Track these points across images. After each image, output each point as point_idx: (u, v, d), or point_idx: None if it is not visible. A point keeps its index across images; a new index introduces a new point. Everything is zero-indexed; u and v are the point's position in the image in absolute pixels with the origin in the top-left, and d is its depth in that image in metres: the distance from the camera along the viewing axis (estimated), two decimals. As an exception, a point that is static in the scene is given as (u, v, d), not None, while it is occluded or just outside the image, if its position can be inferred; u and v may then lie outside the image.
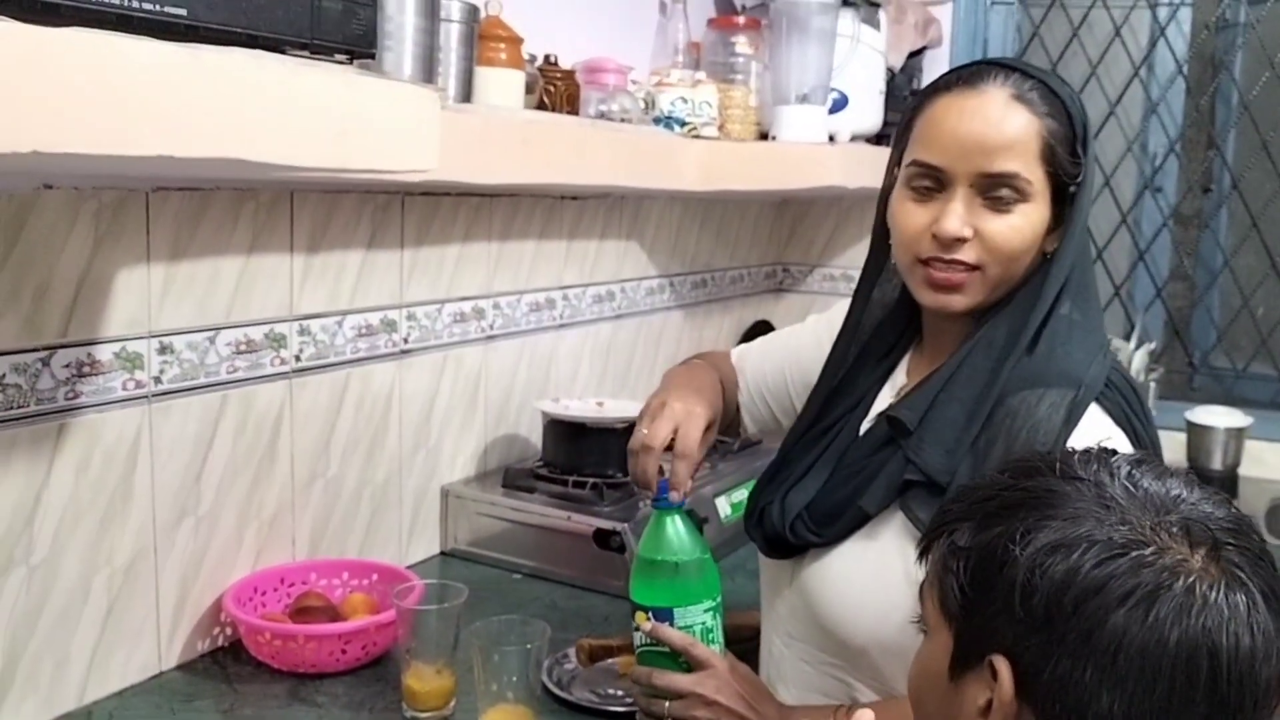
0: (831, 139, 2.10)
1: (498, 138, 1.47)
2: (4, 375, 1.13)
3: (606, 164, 1.71)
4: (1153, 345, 2.42)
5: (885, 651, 1.02)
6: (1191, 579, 0.58)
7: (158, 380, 1.29)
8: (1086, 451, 0.66)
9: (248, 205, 1.38)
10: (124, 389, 1.26)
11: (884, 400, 1.12)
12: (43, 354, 1.17)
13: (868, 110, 2.18)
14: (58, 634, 1.22)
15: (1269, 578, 0.61)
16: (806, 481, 1.12)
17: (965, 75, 1.04)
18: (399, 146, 1.01)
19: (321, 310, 1.51)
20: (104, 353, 1.23)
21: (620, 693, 1.32)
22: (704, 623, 1.08)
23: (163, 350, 1.30)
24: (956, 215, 1.01)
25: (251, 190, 1.38)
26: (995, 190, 1.01)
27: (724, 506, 1.84)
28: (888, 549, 1.02)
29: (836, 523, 1.06)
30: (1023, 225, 1.01)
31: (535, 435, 1.93)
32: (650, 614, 1.08)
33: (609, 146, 1.71)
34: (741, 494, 1.85)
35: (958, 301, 1.05)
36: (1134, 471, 0.63)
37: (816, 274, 2.83)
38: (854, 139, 2.16)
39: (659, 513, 1.11)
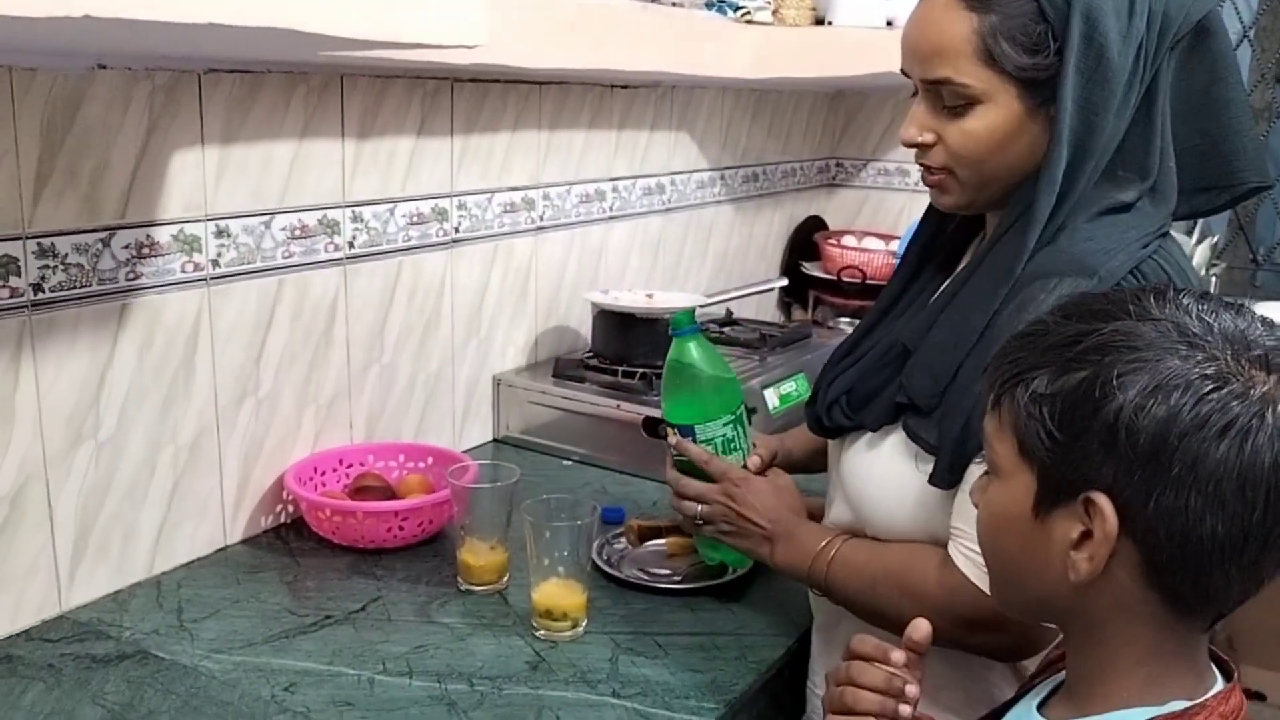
0: (889, 24, 2.04)
1: (547, 20, 1.45)
2: (66, 255, 1.16)
3: (657, 49, 1.68)
4: (1215, 239, 2.36)
5: (904, 536, 1.05)
6: (1277, 407, 0.62)
7: (215, 263, 1.32)
8: (1153, 290, 0.68)
9: (299, 89, 1.37)
10: (183, 271, 1.28)
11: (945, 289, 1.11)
12: (103, 234, 1.19)
13: (927, -6, 2.11)
14: (126, 507, 1.26)
15: None
16: (859, 365, 1.13)
17: None
18: (448, 21, 1.00)
19: (373, 197, 1.52)
20: (162, 235, 1.25)
21: (668, 571, 1.35)
22: (724, 435, 1.20)
23: (219, 234, 1.31)
24: (912, 121, 1.03)
25: (302, 74, 1.37)
26: (943, 95, 0.99)
27: (772, 398, 1.84)
28: (897, 449, 1.04)
29: (867, 408, 1.08)
30: (978, 128, 0.98)
31: (585, 327, 1.94)
32: (677, 430, 1.22)
33: (660, 30, 1.68)
34: (790, 386, 1.85)
35: (945, 200, 1.06)
36: (1203, 307, 0.66)
37: (870, 169, 2.78)
38: None
39: (677, 340, 1.22)
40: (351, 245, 1.49)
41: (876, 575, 1.04)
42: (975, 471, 0.91)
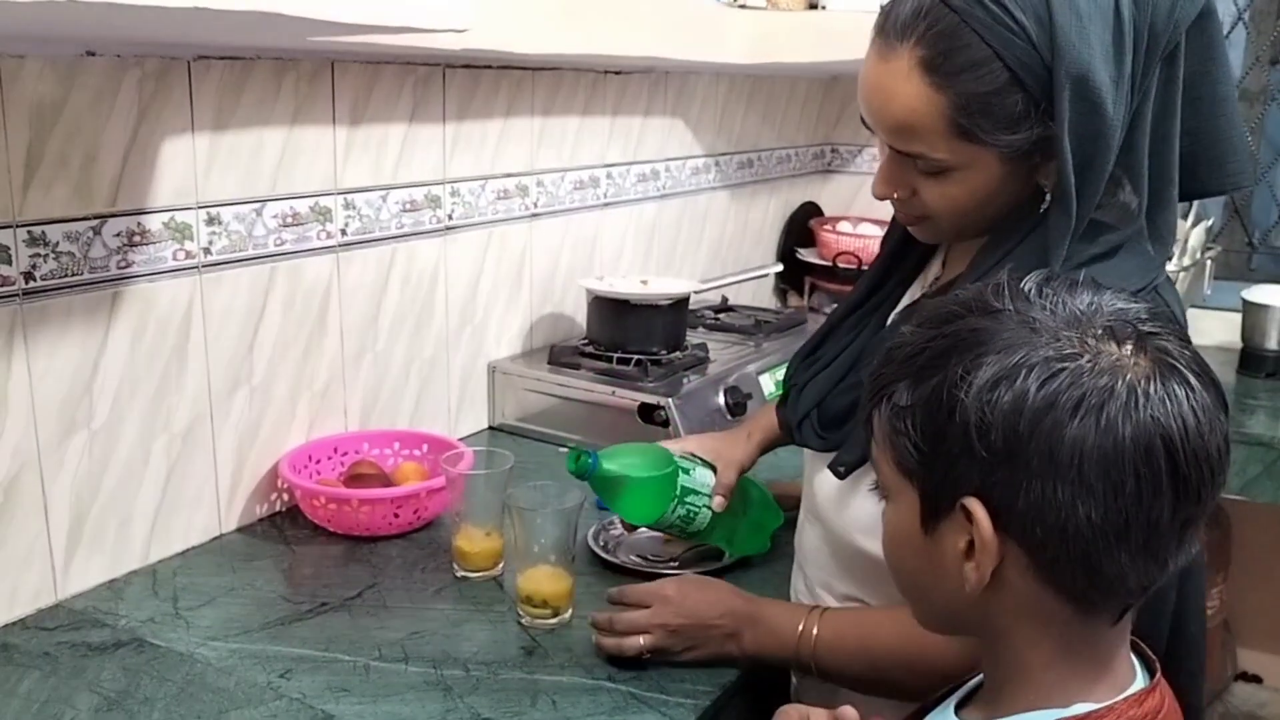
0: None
1: (538, 5, 1.45)
2: (57, 243, 1.15)
3: (651, 34, 1.68)
4: (1210, 222, 2.35)
5: (880, 562, 1.00)
6: (1128, 376, 0.60)
7: (207, 251, 1.31)
8: (994, 285, 0.66)
9: (289, 76, 1.37)
10: (174, 259, 1.28)
11: (914, 292, 1.10)
12: (94, 223, 1.19)
13: (921, -22, 2.11)
14: (120, 496, 1.26)
15: (1195, 356, 0.63)
16: (828, 373, 1.10)
17: (886, 22, 0.91)
18: (435, 4, 0.99)
19: (365, 184, 1.51)
20: (153, 222, 1.25)
21: (664, 556, 1.35)
22: (680, 515, 1.22)
23: (211, 221, 1.31)
24: (884, 178, 0.96)
25: (292, 60, 1.37)
26: (916, 160, 0.92)
27: (768, 384, 1.85)
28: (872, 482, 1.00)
29: (840, 429, 1.04)
30: (958, 192, 0.92)
31: (579, 314, 1.94)
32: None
33: (654, 15, 1.67)
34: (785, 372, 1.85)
35: (924, 234, 1.02)
36: (1045, 290, 0.64)
37: (866, 154, 2.78)
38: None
39: (589, 481, 1.20)
40: (344, 232, 1.49)
41: (878, 656, 0.98)
42: None
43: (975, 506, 0.62)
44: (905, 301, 1.09)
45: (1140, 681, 0.69)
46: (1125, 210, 0.94)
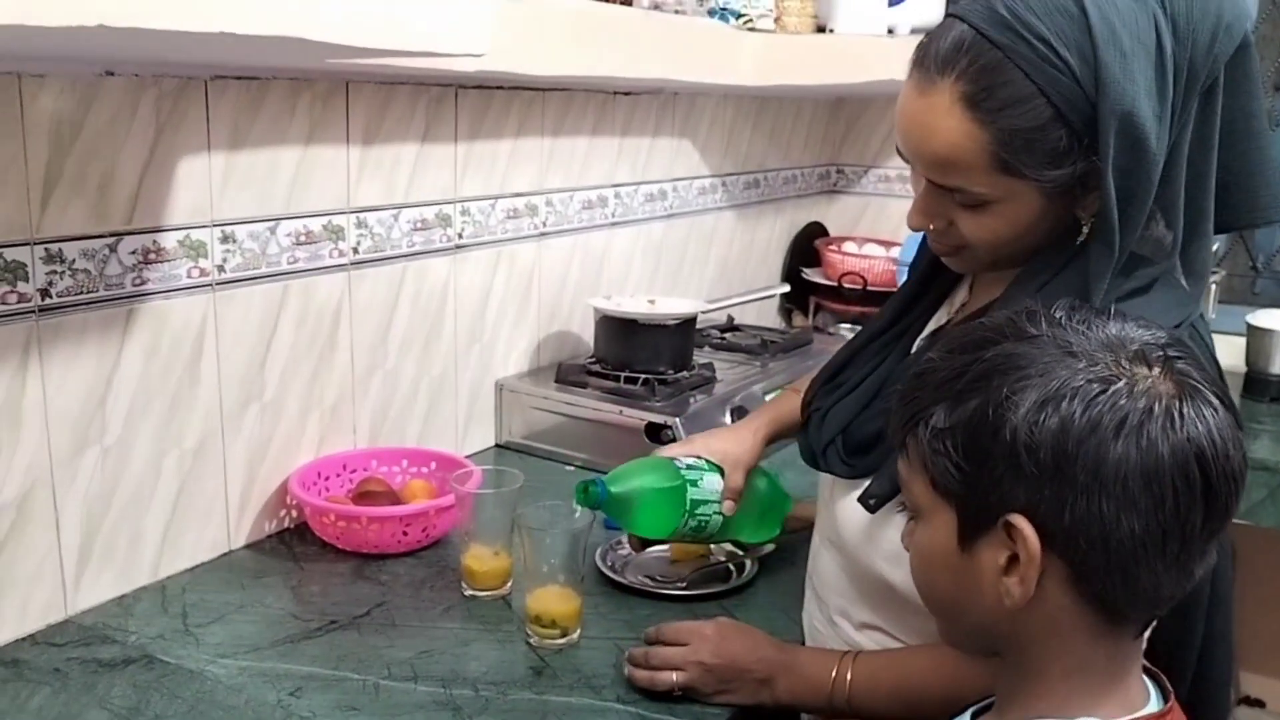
0: (891, 32, 2.05)
1: (550, 28, 1.46)
2: (74, 260, 1.16)
3: (660, 56, 1.69)
4: (1215, 247, 2.36)
5: (905, 591, 0.97)
6: (1163, 399, 0.64)
7: (221, 269, 1.32)
8: (1026, 311, 0.70)
9: (304, 96, 1.38)
10: (189, 276, 1.29)
11: (940, 318, 1.10)
12: (110, 240, 1.20)
13: (929, 1, 2.12)
14: (131, 511, 1.27)
15: (1212, 378, 0.67)
16: (852, 400, 1.09)
17: (925, 56, 0.91)
18: (454, 29, 1.00)
19: (378, 203, 1.52)
20: (169, 240, 1.26)
21: (672, 577, 1.35)
22: (694, 524, 1.22)
23: (225, 239, 1.32)
24: (919, 210, 0.96)
25: (308, 80, 1.38)
26: (955, 194, 0.92)
27: (775, 404, 1.85)
28: (901, 513, 0.98)
29: (867, 457, 1.03)
30: (996, 225, 0.92)
31: (587, 333, 1.94)
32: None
33: (663, 38, 1.68)
34: (792, 391, 1.86)
35: (959, 265, 1.01)
36: (1075, 317, 0.68)
37: (871, 175, 2.79)
38: (914, 32, 2.11)
39: (601, 508, 1.20)
40: (356, 251, 1.50)
41: (913, 697, 0.97)
42: None
43: (1022, 523, 0.64)
44: (931, 328, 1.09)
45: (1153, 705, 0.70)
46: (1159, 245, 0.94)
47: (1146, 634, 0.70)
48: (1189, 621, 0.95)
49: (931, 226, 0.97)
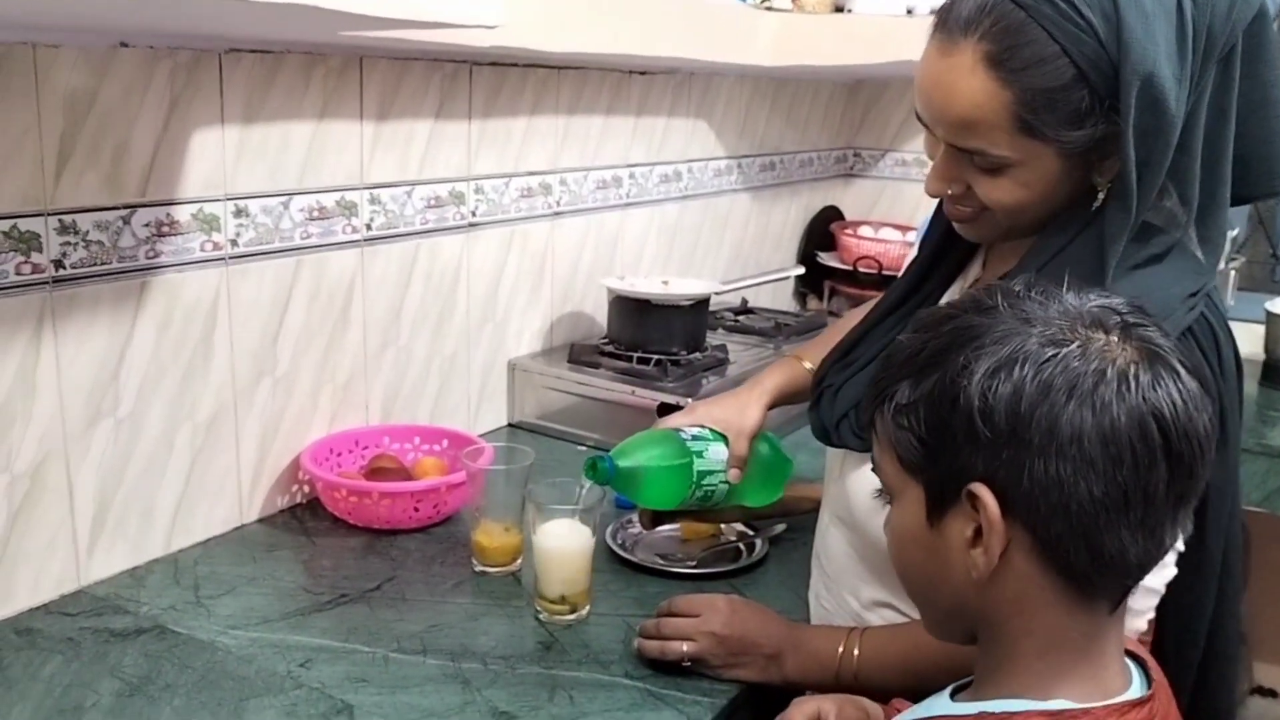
0: (910, 12, 2.03)
1: (566, 4, 1.45)
2: (87, 232, 1.16)
3: (676, 34, 1.68)
4: (1235, 233, 2.34)
5: None
6: (1119, 361, 0.63)
7: (234, 243, 1.32)
8: (987, 288, 0.70)
9: (318, 70, 1.38)
10: (202, 250, 1.29)
11: (953, 293, 1.09)
12: (123, 212, 1.20)
13: (947, -17, 2.11)
14: (144, 484, 1.27)
15: (1177, 347, 0.67)
16: (865, 375, 1.09)
17: (948, 18, 0.90)
18: (465, 1, 1.00)
19: (391, 180, 1.52)
20: (182, 213, 1.26)
21: (681, 556, 1.35)
22: (700, 494, 1.20)
23: (238, 213, 1.32)
24: (938, 175, 0.95)
25: (321, 55, 1.38)
26: (974, 157, 0.92)
27: (788, 386, 1.84)
28: None
29: None
30: (1014, 189, 0.92)
31: (600, 313, 1.94)
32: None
33: (680, 16, 1.67)
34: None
35: (975, 233, 1.01)
36: (1034, 289, 0.68)
37: (889, 159, 2.78)
38: (934, 13, 2.09)
39: (611, 483, 1.19)
40: (369, 227, 1.50)
41: (922, 669, 0.96)
42: None
43: (982, 490, 0.64)
44: (944, 302, 1.08)
45: (1135, 690, 0.69)
46: (1171, 216, 0.93)
47: (1123, 611, 0.69)
48: (1197, 592, 0.95)
49: (949, 192, 0.96)
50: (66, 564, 1.21)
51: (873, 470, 0.74)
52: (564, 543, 1.18)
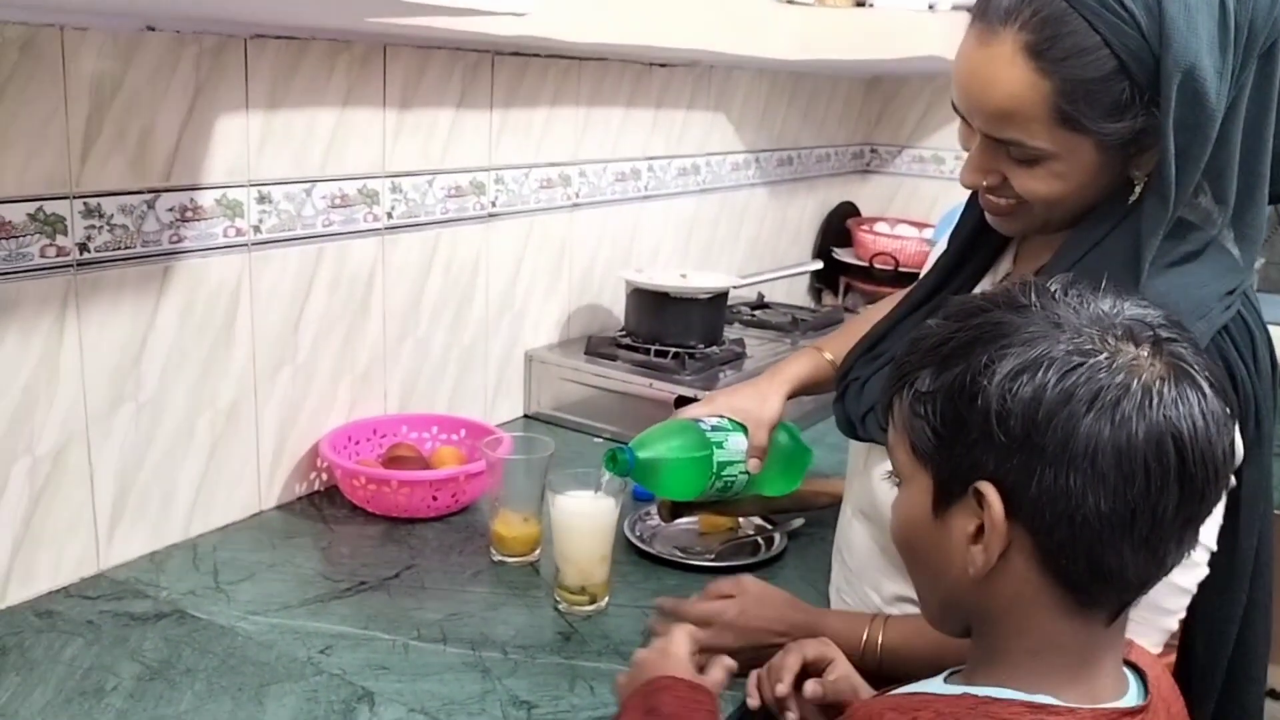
0: (931, 7, 2.02)
1: (590, -6, 1.45)
2: (112, 216, 1.16)
3: (699, 26, 1.67)
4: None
5: None
6: (1144, 376, 0.62)
7: (257, 229, 1.32)
8: (1020, 283, 0.69)
9: (342, 57, 1.38)
10: (225, 236, 1.29)
11: (983, 287, 1.08)
12: (148, 197, 1.20)
13: (970, -21, 2.10)
14: (164, 469, 1.27)
15: (1209, 364, 0.65)
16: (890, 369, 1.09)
17: (988, 8, 0.89)
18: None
19: (413, 168, 1.52)
20: (206, 199, 1.26)
21: (699, 549, 1.35)
22: (720, 485, 1.20)
23: (261, 200, 1.32)
24: (972, 166, 0.95)
25: (346, 42, 1.37)
26: (1010, 149, 0.91)
27: (805, 381, 1.84)
28: None
29: None
30: (1051, 181, 0.91)
31: (617, 306, 1.94)
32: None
33: (702, 9, 1.67)
34: (823, 369, 1.84)
35: (1010, 227, 1.00)
36: (1069, 291, 0.67)
37: (906, 155, 2.77)
38: (956, 8, 2.08)
39: (631, 475, 1.18)
40: (390, 216, 1.50)
41: (954, 660, 0.93)
42: None
43: (989, 490, 0.64)
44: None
45: (1130, 700, 0.69)
46: (1207, 213, 0.92)
47: (1122, 623, 0.68)
48: (1230, 593, 0.94)
49: (985, 184, 0.95)
50: (87, 547, 1.21)
51: (887, 451, 0.74)
52: (584, 520, 1.17)
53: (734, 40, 1.77)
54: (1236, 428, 0.88)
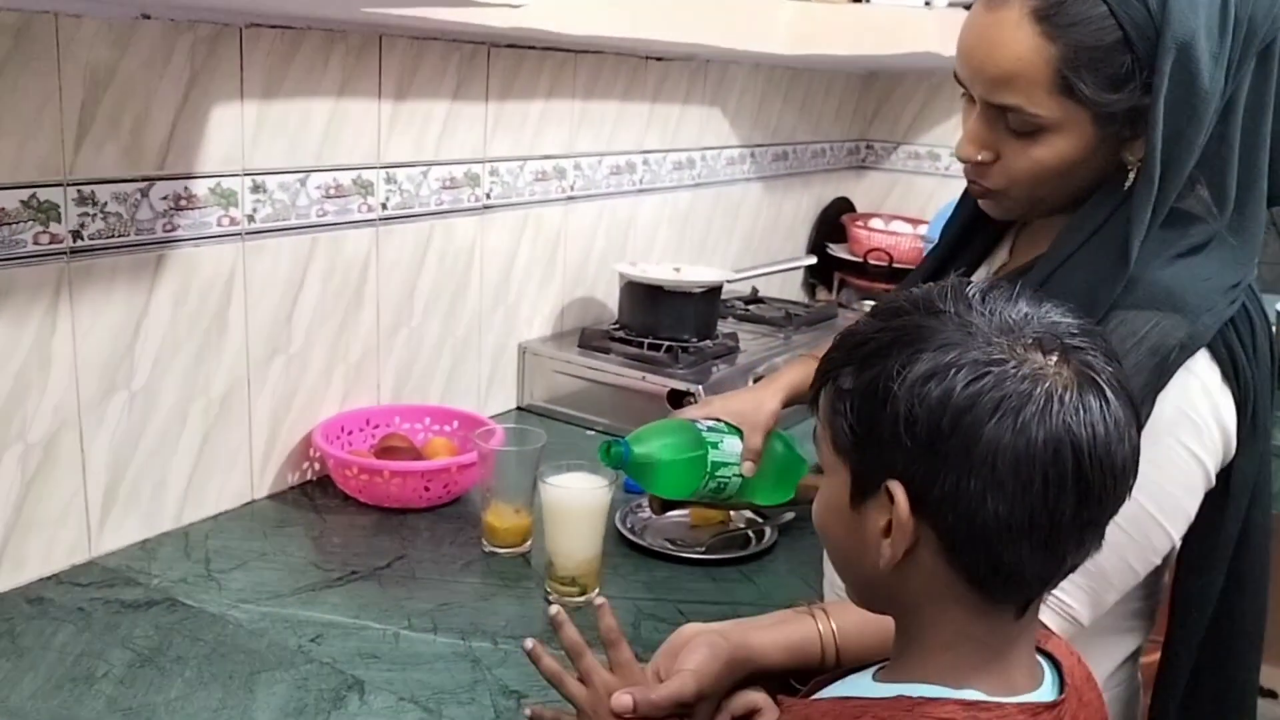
0: (928, 4, 2.02)
1: (586, -14, 1.45)
2: (106, 203, 1.16)
3: (694, 21, 1.67)
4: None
5: None
6: (1048, 384, 0.64)
7: (251, 218, 1.32)
8: (942, 286, 0.71)
9: (337, 47, 1.38)
10: (219, 225, 1.29)
11: (979, 278, 1.09)
12: (142, 185, 1.20)
13: (966, -24, 2.10)
14: (157, 457, 1.27)
15: (1116, 372, 0.67)
16: None
17: None
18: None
19: (407, 159, 1.52)
20: (200, 187, 1.26)
21: (690, 541, 1.36)
22: (712, 487, 1.20)
23: (256, 189, 1.32)
24: (970, 138, 0.95)
25: (341, 32, 1.37)
26: (1009, 117, 0.91)
27: (798, 375, 1.84)
28: None
29: None
30: (1045, 156, 0.92)
31: (611, 299, 1.94)
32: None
33: (699, 3, 1.67)
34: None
35: (996, 210, 1.00)
36: (987, 298, 0.69)
37: (901, 151, 2.77)
38: (952, 4, 2.09)
39: (625, 468, 1.18)
40: (384, 206, 1.50)
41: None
42: None
43: (896, 489, 0.66)
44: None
45: (1046, 693, 0.70)
46: (1207, 207, 0.93)
47: (1032, 615, 0.70)
48: (1208, 577, 0.97)
49: (979, 158, 0.96)
50: (78, 534, 1.21)
51: (813, 440, 0.75)
52: (575, 512, 1.18)
53: (730, 35, 1.77)
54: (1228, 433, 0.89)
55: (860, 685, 0.74)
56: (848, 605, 0.98)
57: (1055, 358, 0.65)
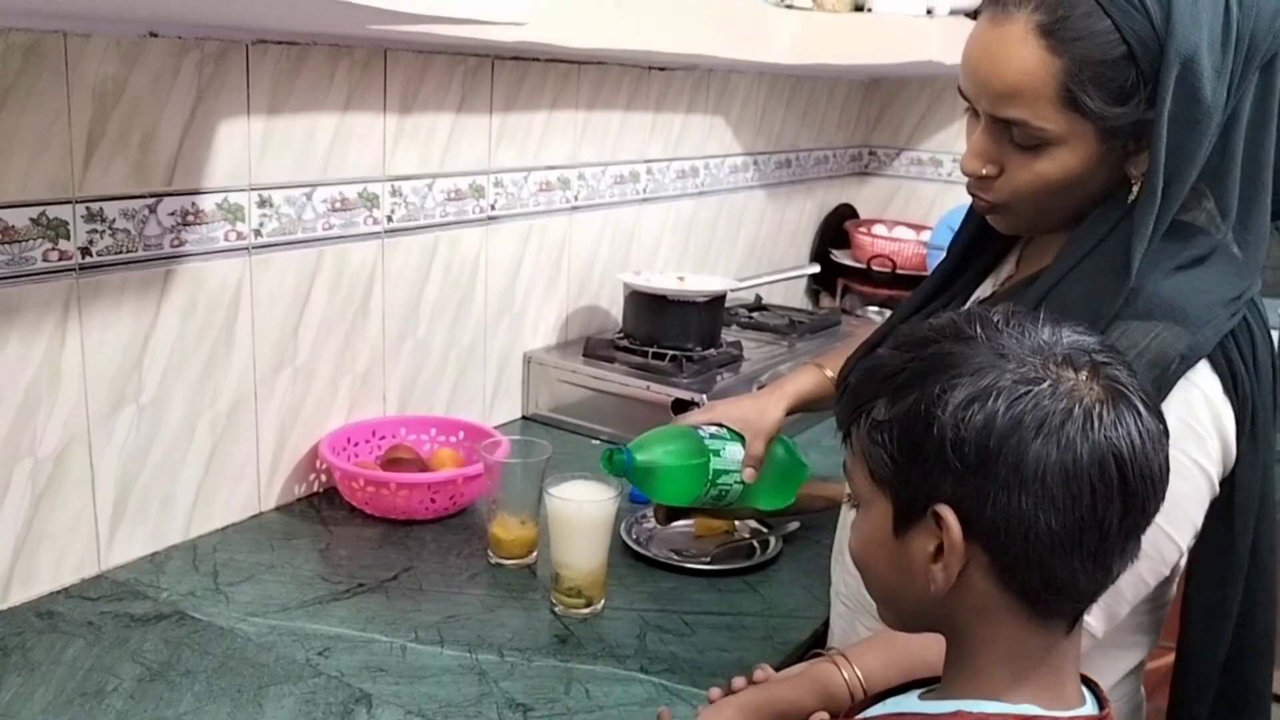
0: (929, 12, 2.03)
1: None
2: (114, 220, 1.17)
3: (697, 31, 1.68)
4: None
5: None
6: (1084, 400, 0.66)
7: (258, 233, 1.33)
8: (966, 314, 0.73)
9: (343, 62, 1.39)
10: (226, 239, 1.30)
11: (985, 290, 1.09)
12: (150, 201, 1.21)
13: (968, -17, 2.11)
14: (165, 471, 1.28)
15: (1142, 385, 0.70)
16: None
17: None
18: (496, -2, 1.00)
19: (413, 172, 1.53)
20: (207, 203, 1.27)
21: (695, 552, 1.36)
22: (714, 493, 1.22)
23: (262, 203, 1.33)
24: (975, 152, 0.96)
25: (347, 47, 1.38)
26: (1013, 131, 0.92)
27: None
28: None
29: None
30: (1049, 170, 0.92)
31: (615, 308, 1.95)
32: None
33: (700, 13, 1.67)
34: (820, 372, 1.85)
35: (1001, 224, 1.01)
36: (1012, 322, 0.71)
37: (904, 158, 2.78)
38: (953, 13, 2.09)
39: (628, 475, 1.20)
40: (390, 219, 1.51)
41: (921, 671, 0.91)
42: None
43: (947, 513, 0.67)
44: (974, 300, 1.09)
45: (1090, 709, 0.72)
46: (1212, 217, 0.94)
47: (1079, 632, 0.72)
48: (1225, 591, 0.96)
49: (984, 172, 0.96)
50: (88, 548, 1.22)
51: (844, 475, 0.76)
52: (581, 523, 1.19)
53: (732, 45, 1.78)
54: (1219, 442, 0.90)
55: (906, 703, 0.75)
56: (864, 646, 1.00)
57: (1085, 374, 0.67)
